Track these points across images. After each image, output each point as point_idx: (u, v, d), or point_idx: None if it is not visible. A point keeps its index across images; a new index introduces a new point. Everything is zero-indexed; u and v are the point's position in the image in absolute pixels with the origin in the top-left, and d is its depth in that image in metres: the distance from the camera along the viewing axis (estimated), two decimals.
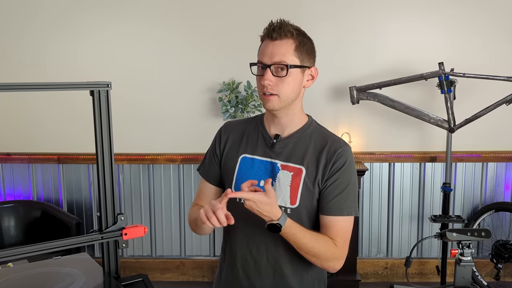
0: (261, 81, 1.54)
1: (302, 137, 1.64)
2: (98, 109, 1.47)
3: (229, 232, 1.69)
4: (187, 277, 3.95)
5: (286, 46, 1.53)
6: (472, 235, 1.78)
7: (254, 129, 1.70)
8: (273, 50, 1.53)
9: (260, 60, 1.56)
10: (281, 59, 1.52)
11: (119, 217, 1.54)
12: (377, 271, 3.89)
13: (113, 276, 1.56)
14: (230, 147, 1.70)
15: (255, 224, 1.59)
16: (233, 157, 1.68)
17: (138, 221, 3.90)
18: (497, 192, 3.78)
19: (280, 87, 1.54)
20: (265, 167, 1.62)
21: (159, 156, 3.82)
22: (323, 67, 3.63)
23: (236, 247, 1.68)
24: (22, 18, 3.71)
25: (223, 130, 1.75)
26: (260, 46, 1.59)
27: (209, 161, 1.75)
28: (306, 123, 1.67)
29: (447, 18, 3.61)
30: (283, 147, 1.62)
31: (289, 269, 1.65)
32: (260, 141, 1.66)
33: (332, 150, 1.60)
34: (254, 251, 1.64)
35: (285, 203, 1.59)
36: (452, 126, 3.34)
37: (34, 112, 3.83)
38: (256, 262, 1.64)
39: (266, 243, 1.62)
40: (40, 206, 3.73)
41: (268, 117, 1.67)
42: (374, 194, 3.82)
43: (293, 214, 1.58)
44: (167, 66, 3.73)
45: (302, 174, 1.59)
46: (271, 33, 1.53)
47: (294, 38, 1.54)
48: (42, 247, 1.42)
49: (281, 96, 1.55)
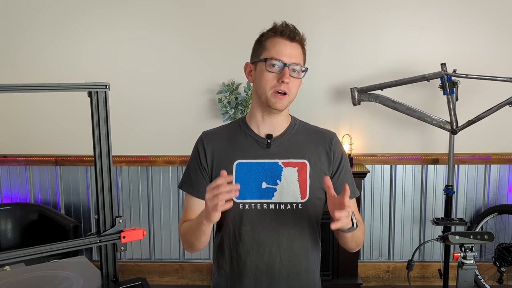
0: (277, 77, 1.55)
1: (293, 133, 1.67)
2: (96, 111, 1.47)
3: (235, 242, 1.64)
4: (186, 281, 3.92)
5: (299, 50, 1.60)
6: (474, 238, 1.78)
7: (240, 133, 1.68)
8: (292, 51, 1.57)
9: (277, 58, 1.56)
10: (298, 61, 1.58)
11: (117, 220, 1.54)
12: (379, 275, 3.86)
13: (111, 279, 1.55)
14: (219, 156, 1.65)
15: (265, 227, 1.60)
16: (225, 165, 1.62)
17: (137, 224, 3.87)
18: (500, 194, 3.76)
19: (292, 87, 1.58)
20: (265, 168, 1.61)
21: (157, 158, 3.79)
22: (324, 68, 3.65)
23: (244, 255, 1.62)
24: (24, 19, 3.69)
25: (205, 141, 1.68)
26: (264, 43, 1.59)
27: (195, 176, 1.66)
28: (291, 121, 1.71)
29: (449, 19, 3.59)
30: (278, 146, 1.64)
31: (303, 264, 1.65)
32: (251, 144, 1.64)
33: (327, 140, 1.67)
34: (266, 256, 1.61)
35: (296, 198, 1.60)
36: (454, 127, 3.31)
37: (31, 114, 3.80)
38: (269, 267, 1.61)
39: (280, 243, 1.61)
40: (37, 208, 3.71)
41: (256, 118, 1.66)
42: (376, 196, 3.79)
43: (303, 208, 1.60)
44: (166, 68, 3.71)
45: (307, 167, 1.62)
46: (290, 33, 1.57)
47: (303, 44, 1.62)
48: (40, 250, 1.42)
49: (291, 96, 1.59)
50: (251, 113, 1.68)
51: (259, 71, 1.59)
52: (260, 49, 1.60)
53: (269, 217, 1.59)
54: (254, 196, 1.59)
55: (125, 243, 1.53)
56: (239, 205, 1.59)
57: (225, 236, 1.66)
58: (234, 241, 1.64)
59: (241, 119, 1.73)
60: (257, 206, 1.59)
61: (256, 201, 1.60)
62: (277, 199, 1.59)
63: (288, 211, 1.60)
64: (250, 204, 1.59)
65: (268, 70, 1.56)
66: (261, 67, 1.58)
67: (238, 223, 1.61)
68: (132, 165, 3.81)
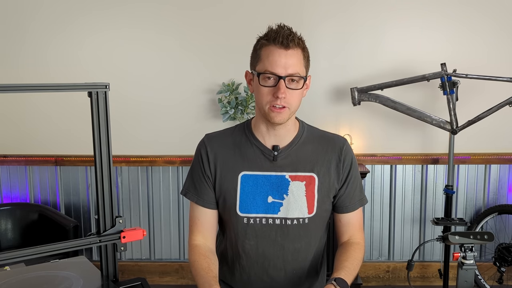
0: (272, 92, 1.46)
1: (301, 143, 1.59)
2: (96, 111, 1.47)
3: (238, 254, 1.60)
4: (186, 281, 3.91)
5: (297, 57, 1.47)
6: (474, 238, 1.78)
7: (246, 141, 1.59)
8: (286, 60, 1.45)
9: (271, 71, 1.45)
10: (295, 70, 1.46)
11: (117, 220, 1.53)
12: (379, 275, 3.86)
13: (111, 279, 1.54)
14: (224, 165, 1.58)
15: (270, 242, 1.56)
16: (230, 176, 1.57)
17: (137, 224, 3.87)
18: (500, 194, 3.75)
19: (291, 99, 1.47)
20: (271, 182, 1.55)
21: (157, 158, 3.78)
22: (324, 68, 3.65)
23: (248, 268, 1.60)
24: (24, 19, 3.69)
25: (208, 146, 1.60)
26: (259, 52, 1.50)
27: (200, 184, 1.60)
28: (299, 128, 1.62)
29: (449, 18, 3.59)
30: (285, 158, 1.56)
31: (308, 275, 1.62)
32: (257, 155, 1.57)
33: (337, 148, 1.59)
34: (271, 270, 1.58)
35: (303, 214, 1.55)
36: (454, 127, 3.31)
37: (31, 113, 3.80)
38: (273, 280, 1.59)
39: (284, 257, 1.57)
40: (37, 208, 3.70)
41: (260, 129, 1.57)
42: (376, 196, 3.79)
43: (310, 223, 1.56)
44: (166, 68, 3.71)
45: (315, 181, 1.55)
46: (283, 41, 1.44)
47: (302, 48, 1.50)
48: (40, 250, 1.41)
49: (291, 109, 1.49)
50: (256, 122, 1.59)
51: (255, 84, 1.50)
52: (255, 59, 1.52)
53: (274, 232, 1.55)
54: (259, 210, 1.54)
55: (125, 243, 1.52)
56: (243, 219, 1.54)
57: (229, 247, 1.63)
58: (237, 254, 1.60)
59: (246, 125, 1.63)
60: (262, 221, 1.54)
61: (261, 216, 1.54)
62: (283, 214, 1.53)
63: (294, 226, 1.54)
64: (255, 218, 1.54)
65: (262, 84, 1.47)
66: (256, 80, 1.48)
67: (242, 237, 1.57)
68: (132, 165, 3.81)
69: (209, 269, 1.50)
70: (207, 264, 1.52)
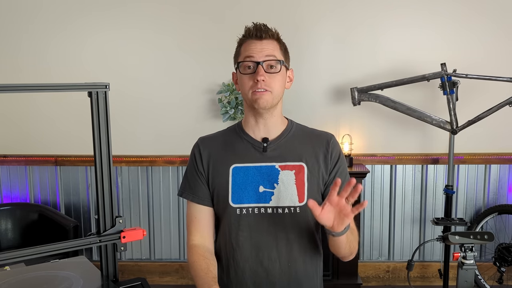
0: (253, 78, 1.55)
1: (290, 136, 1.65)
2: (96, 111, 1.47)
3: (232, 248, 1.61)
4: (186, 281, 3.91)
5: (273, 45, 1.58)
6: (474, 238, 1.78)
7: (236, 138, 1.66)
8: (262, 46, 1.56)
9: (249, 58, 1.56)
10: (271, 53, 1.56)
11: (117, 220, 1.53)
12: (379, 275, 3.86)
13: (111, 279, 1.54)
14: (215, 161, 1.63)
15: (264, 232, 1.58)
16: (222, 170, 1.61)
17: (137, 224, 3.87)
18: (500, 194, 3.75)
19: (272, 83, 1.56)
20: (261, 172, 1.59)
21: (157, 158, 3.79)
22: (324, 68, 3.65)
23: (243, 262, 1.60)
24: (24, 19, 3.69)
25: (201, 146, 1.68)
26: (238, 49, 1.63)
27: (194, 182, 1.65)
28: (288, 124, 1.69)
29: (450, 19, 3.59)
30: (275, 149, 1.62)
31: (303, 270, 1.63)
32: (248, 148, 1.63)
33: (325, 141, 1.65)
34: (266, 261, 1.59)
35: (294, 202, 1.57)
36: (454, 127, 3.31)
37: (31, 114, 3.80)
38: (269, 273, 1.59)
39: (279, 248, 1.59)
40: (37, 208, 3.70)
41: (250, 122, 1.65)
42: (376, 196, 3.79)
43: (301, 212, 1.58)
44: (166, 68, 3.71)
45: (304, 170, 1.59)
46: (258, 33, 1.56)
47: (277, 40, 1.60)
48: (40, 250, 1.41)
49: (274, 92, 1.56)
50: (245, 118, 1.67)
51: (239, 76, 1.61)
52: (236, 56, 1.65)
53: (266, 221, 1.57)
54: (251, 200, 1.57)
55: (125, 243, 1.52)
56: (236, 210, 1.57)
57: (222, 244, 1.64)
58: (231, 249, 1.61)
59: (237, 125, 1.71)
60: (255, 211, 1.57)
61: (253, 206, 1.57)
62: (275, 203, 1.57)
63: (286, 215, 1.57)
64: (248, 208, 1.57)
65: (243, 72, 1.58)
66: (238, 72, 1.60)
67: (235, 229, 1.59)
68: (132, 165, 3.81)
69: (208, 270, 1.53)
70: (206, 265, 1.55)
